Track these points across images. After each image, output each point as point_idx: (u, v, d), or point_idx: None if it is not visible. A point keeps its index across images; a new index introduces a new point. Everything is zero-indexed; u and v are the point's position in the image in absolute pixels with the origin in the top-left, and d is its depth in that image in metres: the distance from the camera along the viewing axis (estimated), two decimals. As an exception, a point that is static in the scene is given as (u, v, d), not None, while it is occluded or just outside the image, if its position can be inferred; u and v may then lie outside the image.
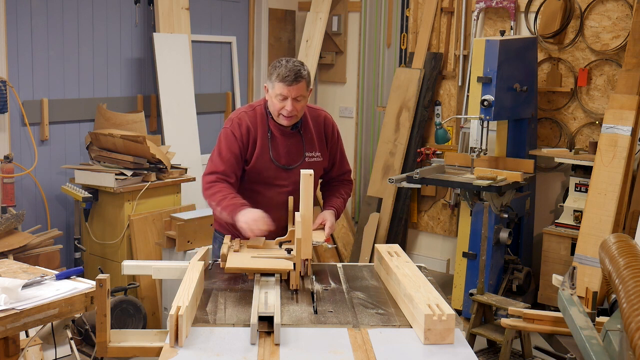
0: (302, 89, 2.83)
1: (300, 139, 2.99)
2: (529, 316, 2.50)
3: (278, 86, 2.81)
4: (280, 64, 2.84)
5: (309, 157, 3.01)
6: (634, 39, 4.45)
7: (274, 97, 2.84)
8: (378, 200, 5.63)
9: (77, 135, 4.77)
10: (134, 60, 5.07)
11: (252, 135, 2.94)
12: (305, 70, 2.85)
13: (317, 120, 3.05)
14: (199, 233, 4.19)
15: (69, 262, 4.59)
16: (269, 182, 2.96)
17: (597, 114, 4.90)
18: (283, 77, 2.79)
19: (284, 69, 2.80)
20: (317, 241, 2.71)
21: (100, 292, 2.09)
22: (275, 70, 2.83)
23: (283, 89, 2.80)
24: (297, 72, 2.81)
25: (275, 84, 2.82)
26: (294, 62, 2.84)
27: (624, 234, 2.15)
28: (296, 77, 2.80)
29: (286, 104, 2.83)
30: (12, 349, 2.36)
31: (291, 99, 2.82)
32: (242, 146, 2.93)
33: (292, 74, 2.79)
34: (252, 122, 2.95)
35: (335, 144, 3.13)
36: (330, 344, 2.02)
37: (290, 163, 2.97)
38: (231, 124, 2.96)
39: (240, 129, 2.93)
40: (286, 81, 2.79)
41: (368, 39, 6.09)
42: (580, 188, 4.72)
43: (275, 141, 2.95)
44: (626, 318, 1.58)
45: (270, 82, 2.85)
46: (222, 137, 2.97)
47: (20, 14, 4.38)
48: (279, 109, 2.86)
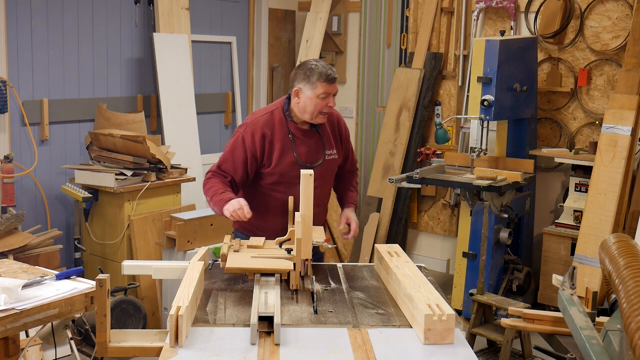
0: (337, 86, 3.07)
1: (320, 137, 3.13)
2: (529, 316, 2.50)
3: (322, 85, 2.97)
4: (315, 65, 3.00)
5: (328, 154, 3.15)
6: (634, 39, 4.45)
7: (316, 96, 2.98)
8: (378, 200, 5.63)
9: (77, 135, 4.77)
10: (134, 60, 5.07)
11: (269, 140, 3.05)
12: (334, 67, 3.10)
13: (331, 118, 3.19)
14: (199, 233, 4.19)
15: (69, 262, 4.58)
16: (292, 181, 3.03)
17: (597, 114, 4.90)
18: (326, 77, 2.97)
19: (323, 69, 2.97)
20: (317, 241, 2.71)
21: (100, 292, 2.09)
22: (313, 72, 2.98)
23: (327, 87, 2.98)
24: (331, 68, 3.01)
25: (317, 84, 2.97)
26: (325, 62, 3.05)
27: (624, 234, 2.15)
28: (334, 75, 3.01)
29: (329, 101, 3.01)
30: (12, 349, 2.36)
31: (332, 95, 3.02)
32: (250, 153, 3.04)
33: (331, 72, 2.99)
34: (269, 127, 3.06)
35: (347, 140, 3.32)
36: (330, 344, 2.02)
37: (312, 162, 3.10)
38: (244, 129, 3.09)
39: (252, 136, 3.04)
40: (329, 80, 2.98)
41: (368, 39, 6.09)
42: (580, 188, 4.72)
43: (297, 142, 3.08)
44: (626, 318, 1.58)
45: (309, 84, 2.98)
46: (232, 140, 3.10)
47: (20, 14, 4.38)
48: (320, 108, 3.00)
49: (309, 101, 3.00)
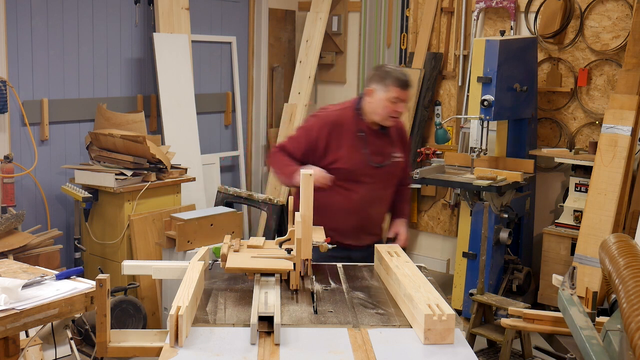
0: (411, 92, 3.16)
1: (388, 139, 3.20)
2: (529, 316, 2.50)
3: (395, 90, 3.04)
4: (391, 69, 3.08)
5: (395, 156, 3.21)
6: (634, 39, 4.45)
7: (387, 100, 3.05)
8: (378, 200, 5.62)
9: (77, 135, 4.77)
10: (134, 60, 5.07)
11: (337, 137, 3.12)
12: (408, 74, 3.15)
13: (398, 124, 3.26)
14: (199, 233, 4.19)
15: (69, 262, 4.58)
16: (359, 179, 3.12)
17: (597, 114, 4.90)
18: (401, 82, 3.04)
19: (399, 75, 3.05)
20: (317, 241, 2.71)
21: (100, 292, 2.09)
22: (388, 75, 3.05)
23: (400, 93, 3.04)
24: (407, 76, 3.09)
25: (390, 89, 3.04)
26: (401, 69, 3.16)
27: (624, 234, 2.15)
28: (408, 82, 3.08)
29: (399, 107, 3.07)
30: (12, 349, 2.36)
31: (402, 101, 3.08)
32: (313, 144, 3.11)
33: (406, 79, 3.07)
34: (339, 124, 3.13)
35: (408, 146, 3.38)
36: (330, 344, 2.02)
37: (380, 161, 3.16)
38: (315, 120, 3.20)
39: (320, 131, 3.12)
40: (403, 86, 3.05)
41: (368, 39, 6.09)
42: (580, 188, 4.72)
43: (368, 140, 3.14)
44: (626, 318, 1.58)
45: (383, 87, 3.05)
46: (305, 126, 3.25)
47: (20, 14, 4.38)
48: (389, 112, 3.07)
49: (380, 103, 3.07)
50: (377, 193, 3.18)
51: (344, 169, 3.10)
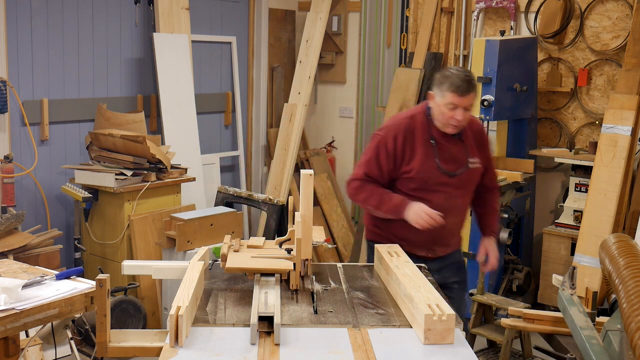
0: (472, 99, 2.89)
1: (462, 145, 3.01)
2: (529, 316, 2.51)
3: (450, 96, 2.84)
4: (451, 73, 2.88)
5: (472, 163, 3.03)
6: (634, 39, 4.45)
7: (444, 105, 2.87)
8: (378, 200, 5.62)
9: (77, 135, 4.77)
10: (134, 60, 5.07)
11: (410, 145, 2.96)
12: (474, 80, 2.90)
13: (473, 126, 3.07)
14: (199, 233, 4.18)
15: (69, 262, 4.58)
16: (433, 188, 2.97)
17: (597, 114, 4.90)
18: (456, 87, 2.83)
19: (456, 79, 2.84)
20: (317, 241, 2.71)
21: (100, 292, 2.09)
22: (446, 79, 2.86)
23: (455, 98, 2.84)
24: (470, 83, 2.85)
25: (446, 94, 2.85)
26: (464, 72, 2.89)
27: (624, 234, 2.15)
28: (468, 88, 2.84)
29: (456, 114, 2.86)
30: (12, 349, 2.36)
31: (462, 108, 2.86)
32: (392, 156, 2.96)
33: (464, 84, 2.83)
34: (411, 131, 2.96)
35: (488, 150, 3.17)
36: (330, 344, 2.02)
37: (454, 169, 2.99)
38: (386, 132, 2.99)
39: (395, 141, 2.95)
40: (459, 91, 2.82)
41: (368, 39, 6.09)
42: (580, 188, 4.72)
43: (440, 148, 2.97)
44: (626, 318, 1.58)
45: (439, 91, 2.88)
46: (374, 145, 3.00)
47: (20, 14, 4.38)
48: (447, 118, 2.89)
49: (438, 109, 2.91)
50: (452, 202, 3.01)
51: (416, 178, 2.96)
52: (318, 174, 6.00)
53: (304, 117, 5.81)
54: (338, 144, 6.34)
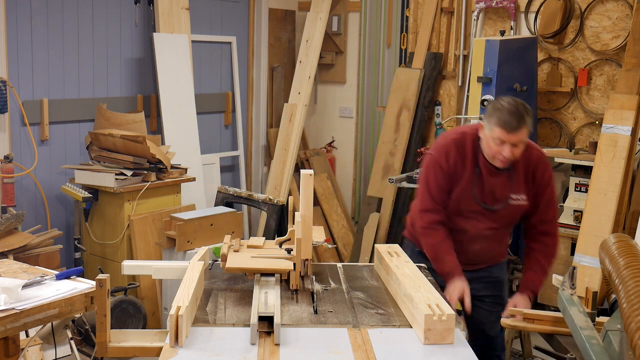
0: (522, 136, 2.69)
1: (509, 179, 2.84)
2: (529, 316, 2.50)
3: (497, 131, 2.67)
4: (501, 105, 2.69)
5: (514, 199, 2.86)
6: (634, 39, 4.45)
7: (491, 139, 2.71)
8: (378, 200, 5.63)
9: (77, 135, 4.77)
10: (134, 60, 5.07)
11: (459, 168, 2.84)
12: (528, 115, 2.69)
13: (529, 160, 2.86)
14: (199, 233, 4.18)
15: (69, 262, 4.58)
16: (467, 215, 2.88)
17: (597, 114, 4.90)
18: (504, 123, 2.65)
19: (505, 114, 2.65)
20: (317, 241, 2.71)
21: (100, 292, 2.09)
22: (495, 112, 2.68)
23: (503, 134, 2.67)
24: (520, 118, 2.66)
25: (494, 128, 2.68)
26: (516, 105, 2.68)
27: (624, 234, 2.15)
28: (518, 124, 2.65)
29: (503, 150, 2.70)
30: (12, 349, 2.36)
31: (510, 144, 2.69)
32: (449, 177, 2.84)
33: (514, 120, 2.65)
34: (461, 154, 2.83)
35: (543, 187, 2.89)
36: (330, 344, 2.02)
37: (493, 204, 2.85)
38: (438, 152, 2.86)
39: (447, 160, 2.83)
40: (507, 127, 2.65)
41: (368, 39, 6.09)
42: (580, 188, 4.72)
43: (482, 179, 2.83)
44: (626, 318, 1.58)
45: (488, 124, 2.72)
46: (430, 166, 2.87)
47: (20, 14, 4.38)
48: (495, 152, 2.73)
49: (485, 141, 2.76)
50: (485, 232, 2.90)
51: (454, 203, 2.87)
52: (318, 174, 6.00)
53: (304, 117, 5.81)
54: (338, 144, 6.34)
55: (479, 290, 3.06)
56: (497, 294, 3.06)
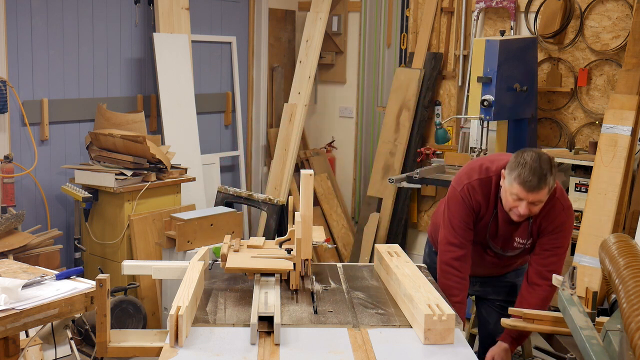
0: (542, 195, 2.58)
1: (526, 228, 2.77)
2: (529, 316, 2.50)
3: (516, 187, 2.57)
4: (525, 161, 2.56)
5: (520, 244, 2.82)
6: (634, 39, 4.45)
7: (509, 194, 2.61)
8: (378, 200, 5.63)
9: (77, 135, 4.77)
10: (134, 60, 5.07)
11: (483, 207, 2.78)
12: (550, 175, 2.56)
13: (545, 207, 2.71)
14: (199, 233, 4.19)
15: (69, 262, 4.58)
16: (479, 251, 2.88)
17: (597, 114, 4.90)
18: (523, 182, 2.54)
19: (527, 172, 2.53)
20: (317, 241, 2.71)
21: (100, 292, 2.09)
22: (517, 168, 2.56)
23: (521, 192, 2.57)
24: (542, 177, 2.53)
25: (513, 184, 2.58)
26: (541, 164, 2.55)
27: (624, 234, 2.15)
28: (539, 184, 2.54)
29: (520, 206, 2.60)
30: (12, 349, 2.36)
31: (527, 202, 2.59)
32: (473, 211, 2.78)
33: (534, 180, 2.53)
34: (485, 196, 2.76)
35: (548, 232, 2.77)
36: (330, 344, 2.02)
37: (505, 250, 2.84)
38: (462, 188, 2.78)
39: (471, 199, 2.76)
40: (526, 187, 2.55)
41: (368, 39, 6.09)
42: (580, 188, 4.72)
43: (496, 224, 2.78)
44: (626, 318, 1.58)
45: (509, 177, 2.61)
46: (453, 201, 2.80)
47: (20, 14, 4.38)
48: (511, 206, 2.65)
49: (504, 192, 2.67)
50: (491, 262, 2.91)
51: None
52: (318, 174, 6.00)
53: (304, 117, 5.81)
54: (338, 144, 6.34)
55: (489, 293, 3.07)
56: (509, 299, 3.01)
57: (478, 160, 2.91)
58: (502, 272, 3.04)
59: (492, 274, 3.04)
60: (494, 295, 3.06)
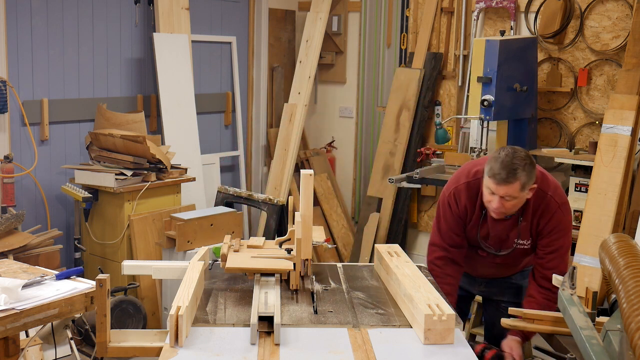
0: (512, 190, 2.57)
1: (516, 225, 2.77)
2: (529, 316, 2.50)
3: (487, 180, 2.60)
4: (499, 155, 2.59)
5: (520, 244, 2.81)
6: (634, 39, 4.45)
7: (485, 188, 2.64)
8: (378, 200, 5.63)
9: (77, 135, 4.77)
10: (134, 60, 5.07)
11: (470, 211, 2.80)
12: (523, 171, 2.56)
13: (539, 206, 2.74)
14: (199, 233, 4.19)
15: (69, 262, 4.58)
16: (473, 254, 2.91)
17: (597, 114, 4.90)
18: (493, 174, 2.56)
19: (498, 165, 2.56)
20: (317, 241, 2.71)
21: (100, 292, 2.09)
22: (491, 161, 2.60)
23: (491, 184, 2.59)
24: (512, 171, 2.54)
25: (486, 177, 2.61)
26: (513, 158, 2.57)
27: (624, 234, 2.15)
28: (507, 177, 2.55)
29: (492, 200, 2.62)
30: (12, 349, 2.36)
31: (498, 196, 2.60)
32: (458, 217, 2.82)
33: (503, 172, 2.54)
34: (471, 199, 2.78)
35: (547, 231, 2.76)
36: (330, 344, 2.02)
37: (498, 248, 2.84)
38: (449, 194, 2.82)
39: (458, 203, 2.79)
40: (495, 179, 2.56)
41: (368, 39, 6.09)
42: (580, 188, 4.72)
43: (486, 223, 2.79)
44: (626, 318, 1.58)
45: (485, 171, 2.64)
46: (441, 206, 2.86)
47: (20, 14, 4.38)
48: (486, 201, 2.68)
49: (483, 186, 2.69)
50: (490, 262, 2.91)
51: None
52: (318, 174, 6.00)
53: (304, 117, 5.81)
54: (338, 144, 6.34)
55: (495, 294, 3.07)
56: (515, 301, 3.00)
57: (471, 162, 2.94)
58: (507, 273, 3.03)
59: (496, 275, 3.03)
60: (499, 296, 3.06)
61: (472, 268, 3.00)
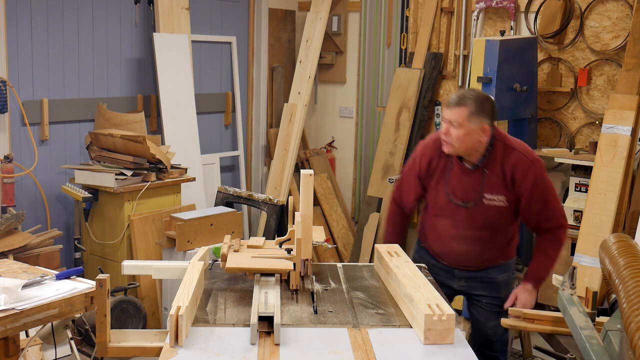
0: (458, 115, 2.74)
1: (480, 178, 2.86)
2: (529, 316, 2.50)
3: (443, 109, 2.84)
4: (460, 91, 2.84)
5: (488, 199, 2.87)
6: (634, 39, 4.45)
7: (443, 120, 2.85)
8: (378, 200, 5.63)
9: (77, 135, 4.77)
10: (134, 60, 5.07)
11: (433, 166, 2.95)
12: (473, 101, 2.74)
13: (506, 161, 2.84)
14: (199, 233, 4.19)
15: (69, 262, 4.59)
16: (442, 213, 2.98)
17: (597, 114, 4.90)
18: (448, 101, 2.80)
19: (454, 95, 2.80)
20: (317, 241, 2.71)
21: (100, 292, 2.09)
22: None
23: (444, 111, 2.81)
24: (461, 98, 2.76)
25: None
26: (467, 90, 2.84)
27: (624, 234, 2.15)
28: (457, 102, 2.76)
29: (445, 129, 2.80)
30: (12, 349, 2.36)
31: (447, 121, 2.78)
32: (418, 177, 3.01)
33: (455, 98, 2.78)
34: (438, 152, 2.93)
35: (528, 190, 2.84)
36: (330, 344, 2.02)
37: (465, 200, 2.90)
38: (416, 151, 3.06)
39: (421, 160, 2.99)
40: (447, 104, 2.79)
41: (368, 39, 6.09)
42: (580, 188, 4.72)
43: (452, 176, 2.91)
44: (626, 318, 1.58)
45: None
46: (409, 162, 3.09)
47: (20, 13, 4.38)
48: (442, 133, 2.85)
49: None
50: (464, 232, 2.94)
51: (431, 201, 3.01)
52: (318, 174, 6.00)
53: (304, 117, 5.82)
54: (338, 144, 6.34)
55: (475, 289, 3.11)
56: (494, 296, 3.07)
57: None
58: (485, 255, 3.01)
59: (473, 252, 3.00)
60: (479, 291, 3.10)
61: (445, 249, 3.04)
